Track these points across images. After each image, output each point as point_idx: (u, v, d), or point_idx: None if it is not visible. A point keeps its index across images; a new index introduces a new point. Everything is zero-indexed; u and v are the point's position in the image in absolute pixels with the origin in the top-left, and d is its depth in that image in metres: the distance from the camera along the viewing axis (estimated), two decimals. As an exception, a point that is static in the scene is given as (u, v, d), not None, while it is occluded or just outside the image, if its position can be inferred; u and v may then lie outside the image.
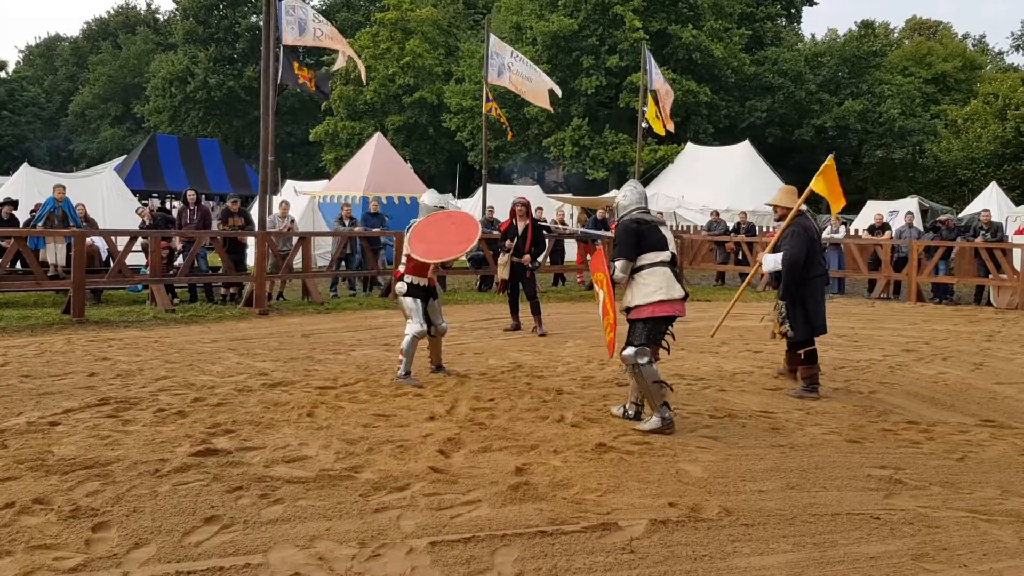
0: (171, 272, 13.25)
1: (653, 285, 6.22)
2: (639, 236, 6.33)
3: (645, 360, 6.10)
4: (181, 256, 14.12)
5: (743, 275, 19.22)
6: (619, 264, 6.27)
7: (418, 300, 7.79)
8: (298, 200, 22.89)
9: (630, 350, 6.15)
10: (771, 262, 7.81)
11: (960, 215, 24.21)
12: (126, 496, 4.43)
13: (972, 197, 33.98)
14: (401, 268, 7.94)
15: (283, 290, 14.80)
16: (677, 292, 6.30)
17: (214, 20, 52.57)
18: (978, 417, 6.84)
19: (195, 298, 13.87)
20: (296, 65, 16.38)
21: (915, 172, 39.83)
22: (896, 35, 59.40)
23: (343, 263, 15.25)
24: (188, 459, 5.04)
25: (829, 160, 8.73)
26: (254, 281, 12.76)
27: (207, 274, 14.00)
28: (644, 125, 23.77)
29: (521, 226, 11.16)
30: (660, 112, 21.80)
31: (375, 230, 15.33)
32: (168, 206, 29.30)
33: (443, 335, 8.12)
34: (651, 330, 6.22)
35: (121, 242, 12.68)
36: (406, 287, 7.80)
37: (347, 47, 16.84)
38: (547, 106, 24.32)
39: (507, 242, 11.13)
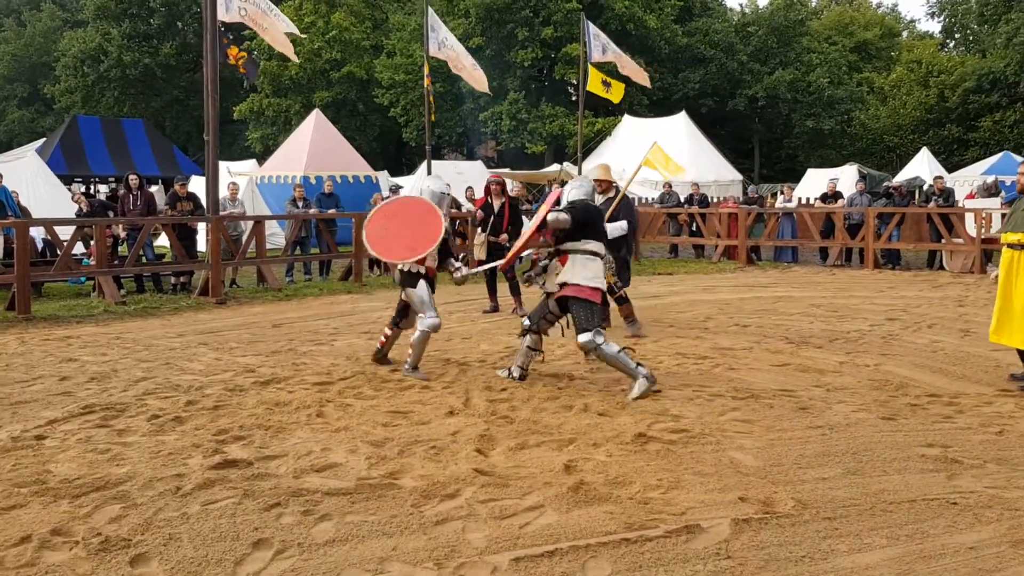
0: (116, 262, 12.49)
1: (593, 271, 6.59)
2: (588, 219, 6.67)
3: (602, 340, 6.40)
4: (126, 244, 13.36)
5: (697, 247, 19.26)
6: (560, 216, 6.49)
7: (429, 288, 7.17)
8: (235, 181, 22.01)
9: (586, 336, 6.39)
10: (617, 229, 8.73)
11: (894, 181, 24.73)
12: (155, 521, 3.97)
13: (900, 163, 34.91)
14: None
15: (235, 277, 14.14)
16: (603, 285, 6.74)
17: (126, -6, 50.21)
18: (994, 387, 6.80)
19: (142, 289, 13.10)
20: (226, 42, 15.59)
21: (844, 140, 40.63)
22: (816, 4, 60.42)
23: (298, 247, 14.63)
24: (208, 473, 4.59)
25: (655, 146, 10.24)
26: (209, 269, 12.10)
27: (156, 263, 13.24)
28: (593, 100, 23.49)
29: (497, 204, 10.78)
30: (620, 75, 21.55)
31: (331, 211, 14.74)
32: (92, 191, 27.93)
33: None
34: (595, 312, 6.53)
35: (63, 231, 11.87)
36: (400, 274, 7.23)
37: (278, 27, 15.98)
38: (484, 88, 23.75)
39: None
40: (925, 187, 20.89)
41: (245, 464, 4.78)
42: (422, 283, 7.14)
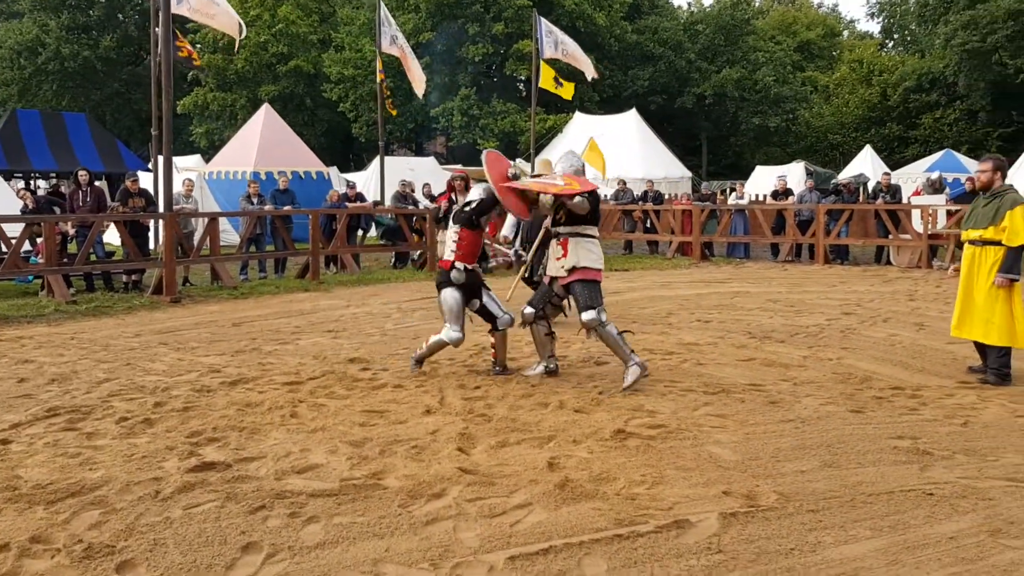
0: (65, 260, 12.15)
1: (596, 253, 6.78)
2: (596, 207, 6.81)
3: (605, 318, 6.57)
4: (75, 242, 13.01)
5: (651, 243, 19.44)
6: (586, 203, 6.57)
7: (462, 296, 6.85)
8: (179, 177, 21.58)
9: (591, 313, 6.51)
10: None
11: (839, 178, 25.24)
12: (137, 526, 3.87)
13: (844, 160, 35.67)
14: (449, 256, 6.88)
15: (187, 275, 13.86)
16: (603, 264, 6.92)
17: (64, -15, 48.79)
18: (953, 380, 6.99)
19: (92, 287, 12.77)
20: (178, 35, 15.32)
21: (789, 138, 41.37)
22: (760, 3, 61.39)
23: (252, 244, 14.40)
24: (187, 476, 4.49)
25: (591, 141, 10.57)
26: (162, 267, 11.84)
27: (108, 261, 12.92)
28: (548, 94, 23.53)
29: (461, 201, 10.70)
30: (575, 69, 21.61)
31: (286, 208, 14.54)
32: (33, 186, 27.17)
33: (509, 327, 7.03)
34: (597, 292, 6.67)
35: (9, 229, 11.49)
36: (463, 274, 6.80)
37: (226, 19, 15.70)
38: (420, 91, 23.56)
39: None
40: (871, 185, 21.36)
41: (223, 466, 4.69)
42: (454, 293, 6.83)
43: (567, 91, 23.87)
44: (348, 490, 4.36)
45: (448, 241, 6.98)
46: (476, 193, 7.18)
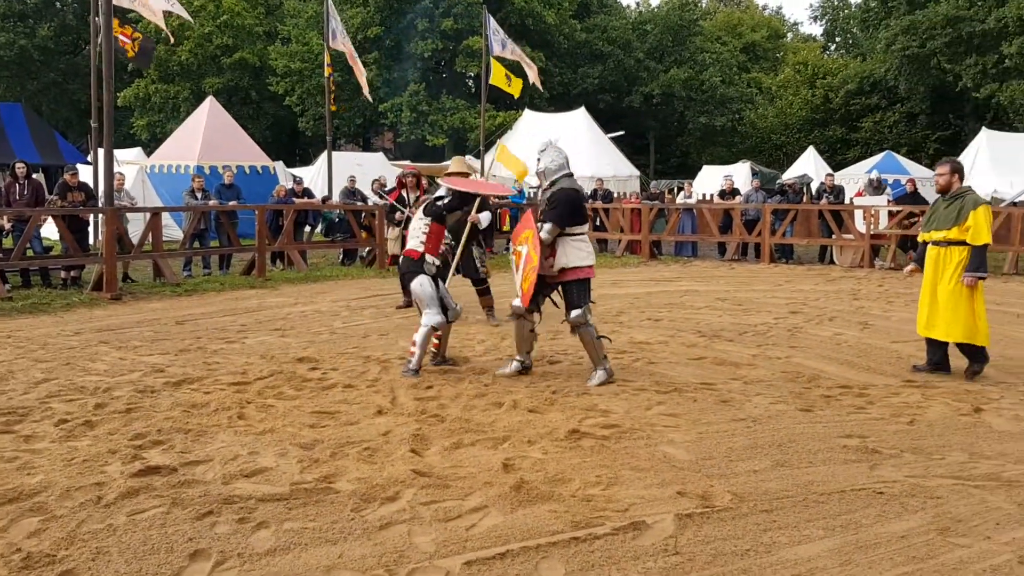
0: (1, 255, 11.74)
1: (585, 250, 6.82)
2: (575, 209, 6.81)
3: (591, 318, 6.71)
4: (11, 236, 12.58)
5: (600, 241, 19.51)
6: (548, 227, 6.62)
7: (434, 284, 7.04)
8: (122, 171, 21.03)
9: (579, 311, 6.67)
10: (487, 219, 9.33)
11: (783, 178, 25.65)
12: (79, 534, 3.73)
13: (788, 161, 36.26)
14: (418, 246, 7.04)
15: (128, 271, 13.49)
16: (594, 258, 7.01)
17: (-1, -29, 47.24)
18: (898, 378, 7.11)
19: (28, 283, 12.36)
20: (116, 23, 14.89)
21: (735, 138, 41.93)
22: (706, 4, 62.16)
23: (196, 240, 14.10)
24: (131, 481, 4.35)
25: (500, 145, 10.79)
26: (103, 263, 11.51)
27: (45, 256, 12.51)
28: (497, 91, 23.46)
29: (411, 198, 10.60)
30: (517, 77, 21.57)
31: (232, 203, 14.25)
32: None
33: (455, 320, 7.31)
34: (587, 291, 6.77)
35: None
36: (434, 266, 7.02)
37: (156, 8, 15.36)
38: (365, 90, 23.26)
39: (396, 214, 10.48)
40: (815, 185, 21.72)
41: (169, 471, 4.55)
42: (427, 279, 6.97)
43: (516, 88, 23.82)
44: (299, 494, 4.26)
45: (417, 232, 7.11)
46: (445, 190, 7.28)
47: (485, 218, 9.58)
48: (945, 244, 7.06)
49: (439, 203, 7.18)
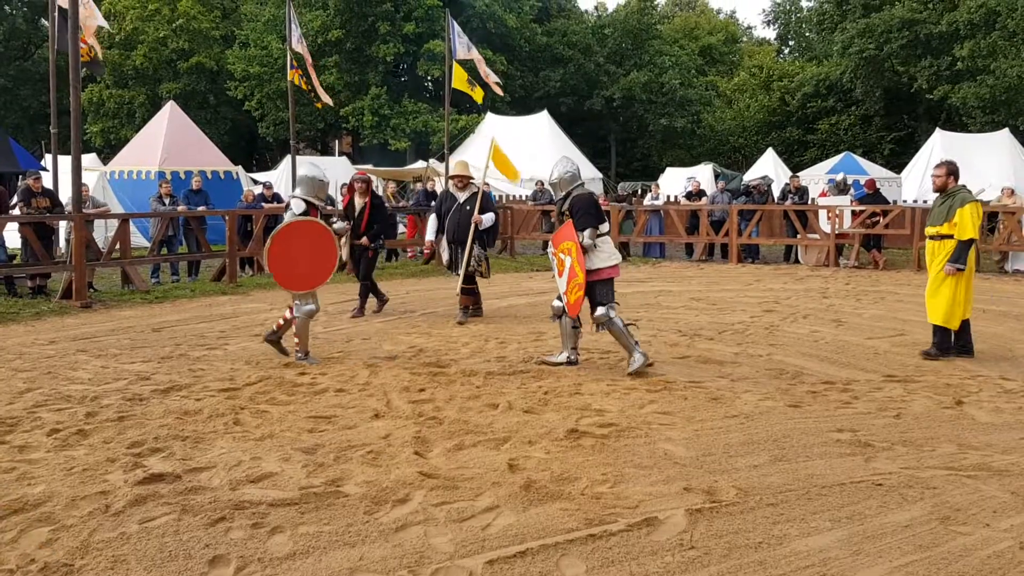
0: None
1: (607, 251, 7.31)
2: (598, 210, 7.39)
3: (615, 314, 7.15)
4: (-27, 245, 12.29)
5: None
6: (588, 233, 7.12)
7: None
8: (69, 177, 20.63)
9: (602, 310, 7.14)
10: (489, 219, 9.99)
11: (744, 179, 25.98)
12: (92, 543, 3.68)
13: (747, 162, 36.75)
14: None
15: (92, 279, 13.23)
16: (619, 257, 7.55)
17: (-53, -28, 46.12)
18: (879, 373, 7.28)
19: (-7, 292, 12.10)
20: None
21: (694, 140, 42.40)
22: (662, 8, 62.76)
23: (164, 246, 13.90)
24: (136, 489, 4.30)
25: (494, 143, 10.75)
26: (71, 271, 11.31)
27: (10, 264, 12.25)
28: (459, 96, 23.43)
29: (359, 203, 10.44)
30: (481, 78, 21.56)
31: (201, 208, 14.08)
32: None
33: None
34: (611, 290, 7.25)
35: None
36: None
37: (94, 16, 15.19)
38: (326, 99, 23.13)
39: (342, 223, 10.25)
40: (776, 187, 22.01)
41: (173, 478, 4.51)
42: None
43: (478, 94, 23.79)
44: (309, 498, 4.25)
45: None
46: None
47: (487, 219, 9.76)
48: (938, 238, 7.73)
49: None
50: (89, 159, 30.40)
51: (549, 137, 31.17)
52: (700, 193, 18.70)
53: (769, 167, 28.96)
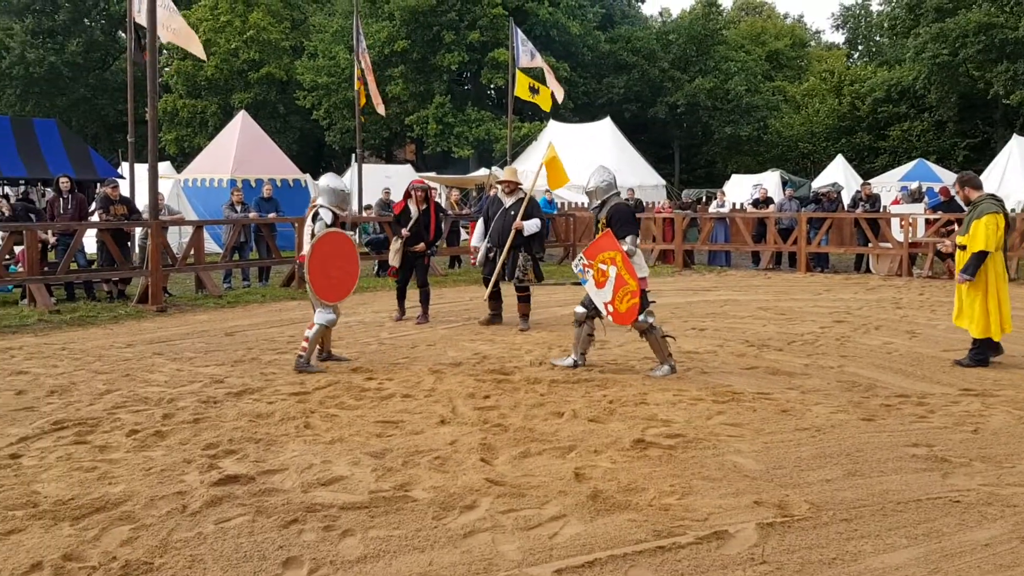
0: (47, 269, 11.91)
1: (638, 263, 7.40)
2: (633, 218, 7.69)
3: (653, 320, 7.35)
4: (55, 251, 12.75)
5: (632, 251, 19.46)
6: (631, 239, 7.37)
7: None
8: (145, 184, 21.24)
9: (642, 316, 7.24)
10: (532, 226, 9.88)
11: (813, 186, 25.51)
12: (171, 543, 3.79)
13: (815, 169, 36.11)
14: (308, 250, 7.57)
15: (166, 284, 13.62)
16: (647, 270, 7.76)
17: (29, -11, 47.94)
18: (955, 387, 7.06)
19: (73, 296, 12.54)
20: (140, 43, 15.14)
21: (761, 147, 41.79)
22: (726, 15, 62.07)
23: (236, 252, 14.24)
24: (212, 490, 4.41)
25: (551, 147, 11.02)
26: (149, 275, 11.66)
27: (91, 269, 12.68)
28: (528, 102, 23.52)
29: (417, 210, 10.52)
30: (548, 83, 21.62)
31: (271, 215, 14.39)
32: (2, 192, 26.55)
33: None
34: (645, 298, 7.35)
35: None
36: None
37: (188, 40, 15.61)
38: (380, 109, 23.34)
39: (404, 230, 10.37)
40: (844, 194, 21.58)
41: (247, 479, 4.61)
42: None
43: (544, 99, 23.84)
44: (378, 502, 4.30)
45: (307, 239, 7.71)
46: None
47: (530, 225, 9.79)
48: (963, 248, 7.86)
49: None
50: (164, 167, 31.31)
51: (612, 144, 31.04)
52: (767, 200, 18.42)
53: (839, 174, 28.41)
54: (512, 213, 9.95)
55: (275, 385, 6.96)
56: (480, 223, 10.50)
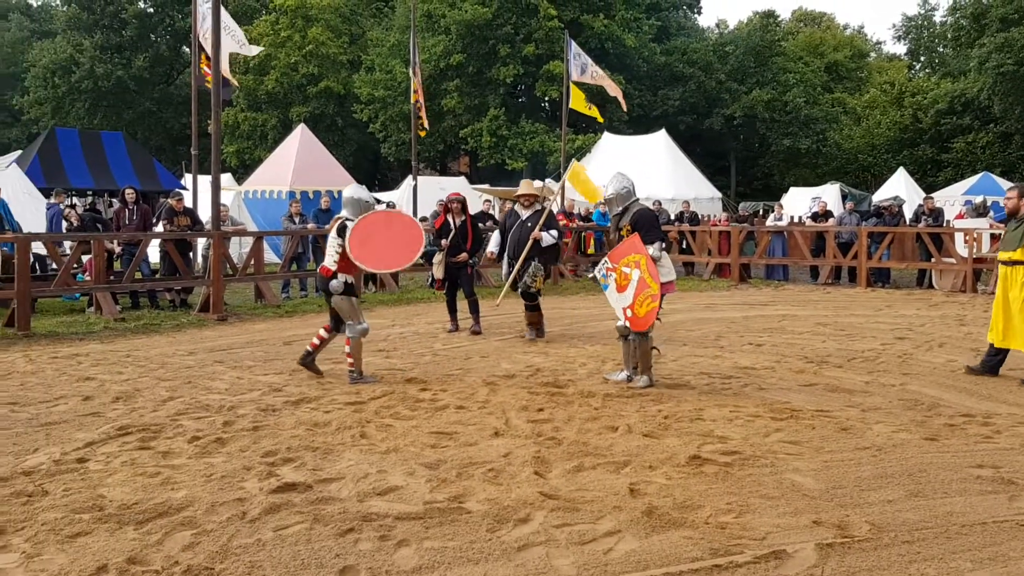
0: (112, 278, 12.25)
1: (666, 267, 7.38)
2: (657, 222, 7.63)
3: (650, 331, 7.30)
4: (120, 260, 13.10)
5: (687, 264, 19.35)
6: (657, 245, 7.31)
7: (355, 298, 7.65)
8: (225, 203, 21.71)
9: None
10: (550, 237, 9.99)
11: (874, 200, 25.03)
12: (231, 548, 3.86)
13: (876, 182, 35.44)
14: (331, 264, 7.55)
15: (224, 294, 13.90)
16: (675, 274, 7.63)
17: (98, 6, 49.48)
18: (1022, 406, 6.87)
19: (137, 305, 12.89)
20: (204, 58, 15.44)
21: (819, 159, 41.17)
22: (784, 26, 61.37)
23: (294, 263, 14.47)
24: (272, 497, 4.48)
25: (574, 164, 11.11)
26: (211, 285, 11.91)
27: (155, 279, 13.01)
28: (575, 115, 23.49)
29: (456, 223, 10.59)
30: (607, 95, 21.55)
31: (328, 227, 14.59)
32: (70, 203, 27.40)
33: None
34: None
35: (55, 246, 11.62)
36: (343, 285, 7.55)
37: (228, 46, 15.89)
38: (423, 122, 23.39)
39: (443, 241, 10.43)
40: (906, 207, 21.16)
41: (304, 487, 4.68)
42: (349, 298, 7.63)
43: (596, 112, 23.78)
44: (433, 513, 4.33)
45: (331, 251, 7.59)
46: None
47: (548, 237, 9.77)
48: (1011, 264, 7.69)
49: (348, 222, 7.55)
50: (225, 179, 31.91)
51: (666, 156, 30.84)
52: (827, 214, 18.14)
53: (900, 187, 27.83)
54: (529, 225, 10.06)
55: (332, 394, 7.05)
56: (496, 235, 10.70)
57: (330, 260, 7.59)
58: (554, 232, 10.13)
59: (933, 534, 4.20)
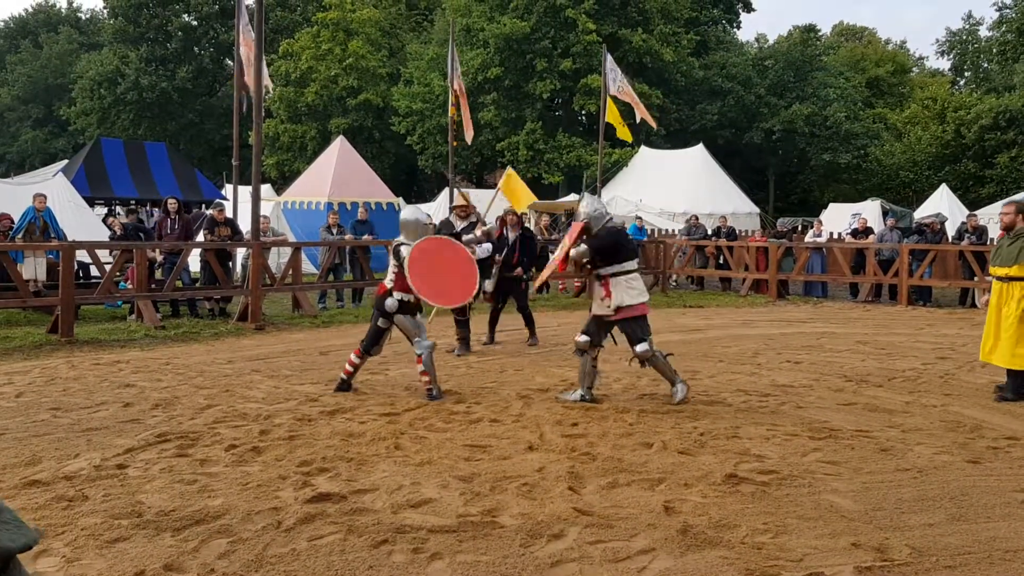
0: (154, 286, 12.44)
1: (638, 288, 7.34)
2: (617, 245, 7.33)
3: (655, 347, 7.32)
4: (161, 269, 13.30)
5: (724, 280, 19.19)
6: (583, 249, 7.24)
7: (412, 316, 7.58)
8: (266, 215, 21.97)
9: (644, 346, 7.25)
10: (484, 250, 9.93)
11: (915, 216, 24.65)
12: (266, 557, 3.88)
13: (917, 198, 34.94)
14: (388, 283, 7.51)
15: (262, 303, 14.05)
16: (647, 296, 7.53)
17: (144, 19, 50.50)
18: (1069, 430, 6.71)
19: (177, 313, 13.07)
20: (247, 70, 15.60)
21: (860, 175, 40.67)
22: (824, 40, 60.89)
23: (331, 273, 14.60)
24: (306, 507, 4.51)
25: (508, 171, 11.12)
26: (249, 294, 12.05)
27: (195, 287, 13.19)
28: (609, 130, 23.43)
29: (512, 236, 10.61)
30: (637, 112, 21.45)
31: (366, 238, 14.72)
32: (114, 213, 27.89)
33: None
34: (645, 324, 7.35)
35: (102, 254, 11.83)
36: (398, 304, 7.45)
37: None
38: (469, 131, 23.45)
39: (496, 256, 10.40)
40: (948, 224, 20.82)
41: (339, 498, 4.70)
42: (408, 316, 7.54)
43: (625, 132, 23.62)
44: (466, 527, 4.32)
45: (389, 271, 7.59)
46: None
47: (480, 251, 9.83)
48: (1007, 280, 7.64)
49: (402, 246, 7.46)
50: (265, 189, 32.34)
51: (703, 170, 30.73)
52: (867, 231, 17.89)
53: (942, 204, 27.39)
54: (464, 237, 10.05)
55: (367, 405, 7.08)
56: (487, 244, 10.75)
57: (387, 279, 7.58)
58: (487, 246, 10.06)
59: (976, 559, 4.11)
